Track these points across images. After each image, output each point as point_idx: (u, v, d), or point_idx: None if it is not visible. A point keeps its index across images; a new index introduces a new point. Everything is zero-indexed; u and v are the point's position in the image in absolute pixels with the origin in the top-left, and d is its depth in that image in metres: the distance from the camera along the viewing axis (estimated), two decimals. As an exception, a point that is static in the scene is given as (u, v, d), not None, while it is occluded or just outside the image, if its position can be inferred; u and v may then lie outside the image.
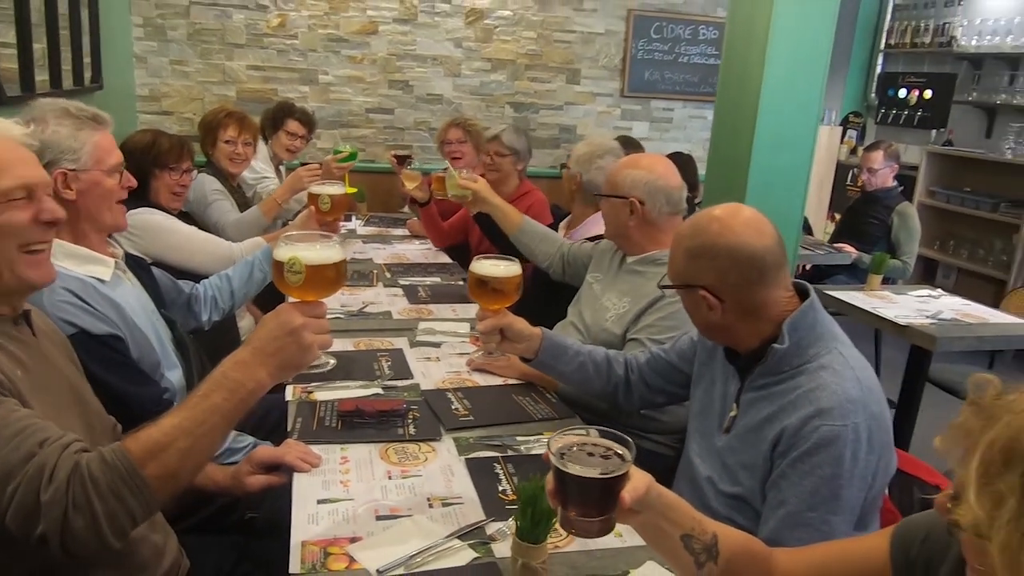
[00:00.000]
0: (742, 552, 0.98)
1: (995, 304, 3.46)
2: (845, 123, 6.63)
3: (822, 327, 1.35)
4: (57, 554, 0.97)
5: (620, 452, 0.91)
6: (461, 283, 2.88)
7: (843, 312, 3.12)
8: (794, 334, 1.33)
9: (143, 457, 1.01)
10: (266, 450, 1.51)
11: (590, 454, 0.90)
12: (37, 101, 1.58)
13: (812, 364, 1.32)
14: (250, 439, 1.68)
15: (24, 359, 1.12)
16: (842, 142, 6.39)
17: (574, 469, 0.88)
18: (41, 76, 2.98)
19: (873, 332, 4.13)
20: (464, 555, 1.21)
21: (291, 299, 1.20)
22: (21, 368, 1.10)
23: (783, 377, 1.34)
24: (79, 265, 1.53)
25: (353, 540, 1.23)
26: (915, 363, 2.95)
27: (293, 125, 3.71)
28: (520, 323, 1.69)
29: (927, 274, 5.82)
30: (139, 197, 2.31)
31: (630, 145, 3.30)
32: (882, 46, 6.49)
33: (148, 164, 2.36)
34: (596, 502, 0.89)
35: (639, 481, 0.90)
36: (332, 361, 1.79)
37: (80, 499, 0.97)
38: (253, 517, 1.65)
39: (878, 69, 6.57)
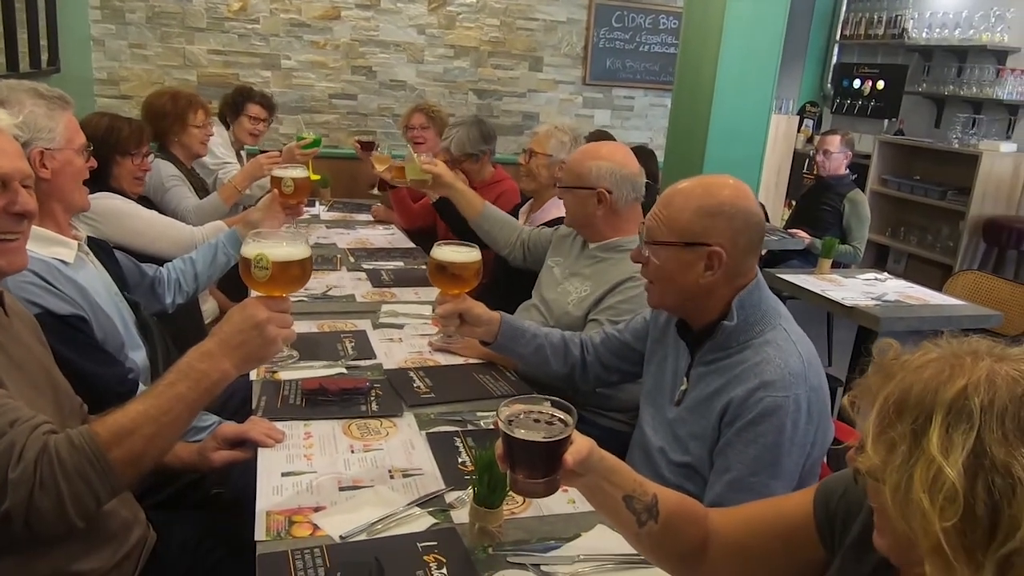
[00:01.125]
0: (681, 512, 1.05)
1: (942, 288, 3.62)
2: (802, 112, 6.79)
3: (766, 304, 1.44)
4: (20, 531, 1.01)
5: (563, 418, 0.98)
6: (424, 267, 2.92)
7: (796, 295, 3.24)
8: (742, 311, 1.41)
9: (109, 441, 1.05)
10: (231, 426, 1.55)
11: (536, 420, 0.97)
12: (2, 82, 1.60)
13: (758, 339, 1.40)
14: (214, 418, 1.71)
15: None
16: (799, 131, 6.55)
17: (520, 434, 0.94)
18: (-3, 58, 2.95)
19: (826, 315, 4.28)
20: (424, 521, 1.27)
21: (256, 293, 1.24)
22: None
23: (731, 352, 1.42)
24: (43, 247, 1.55)
25: (317, 509, 1.28)
26: (861, 342, 3.08)
27: (254, 109, 3.71)
28: (479, 308, 1.74)
29: (879, 259, 6.02)
30: (99, 182, 2.31)
31: (604, 139, 3.34)
32: (837, 37, 6.65)
33: (110, 150, 2.36)
34: (541, 464, 0.95)
35: (581, 445, 0.96)
36: (295, 354, 1.84)
37: (47, 479, 1.00)
38: (219, 493, 1.69)
39: (834, 60, 6.73)
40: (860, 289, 3.17)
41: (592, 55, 5.46)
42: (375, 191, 4.04)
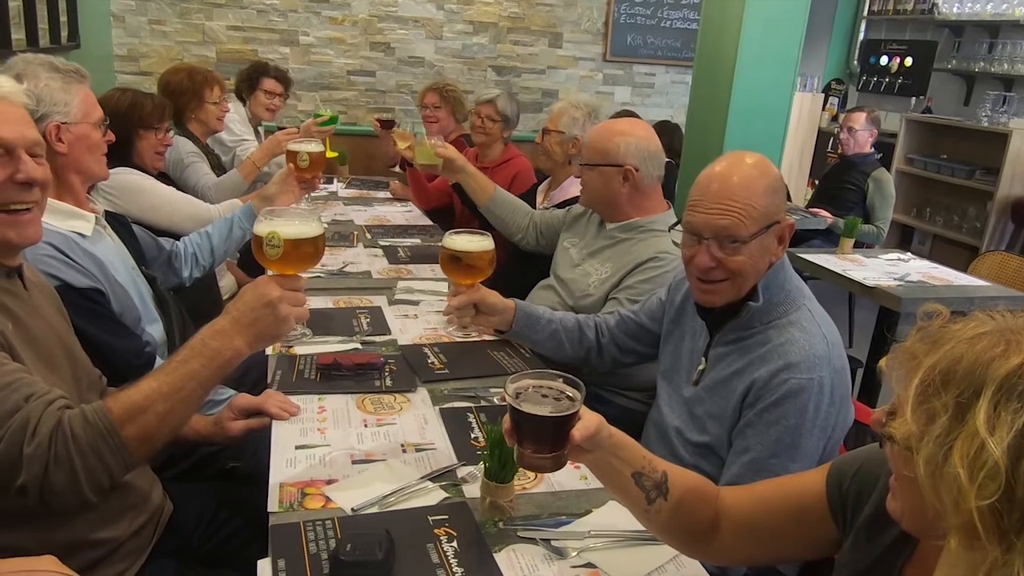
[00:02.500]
0: (692, 490, 1.04)
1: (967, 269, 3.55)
2: (827, 90, 6.66)
3: (791, 284, 1.41)
4: (35, 505, 1.03)
5: (571, 394, 0.97)
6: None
7: (816, 275, 3.20)
8: (767, 291, 1.38)
9: (123, 418, 1.06)
10: (247, 398, 1.56)
11: (544, 395, 0.96)
12: (18, 56, 1.61)
13: (782, 320, 1.38)
14: (230, 391, 1.71)
15: (16, 312, 1.16)
16: (823, 109, 6.43)
17: (527, 408, 0.94)
18: (17, 34, 2.96)
19: (847, 295, 4.23)
20: (435, 495, 1.27)
21: (269, 272, 1.25)
22: (12, 321, 1.14)
23: (754, 332, 1.40)
24: (61, 220, 1.56)
25: (329, 482, 1.29)
26: (883, 323, 3.04)
27: (270, 84, 3.69)
28: (493, 296, 1.73)
29: (903, 240, 5.92)
30: (121, 158, 2.33)
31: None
32: (865, 12, 6.50)
33: (132, 125, 2.36)
34: (548, 439, 0.95)
35: (589, 421, 0.95)
36: (308, 332, 1.84)
37: (61, 455, 1.02)
38: (235, 466, 1.71)
39: (861, 36, 6.58)
40: (882, 269, 3.12)
41: (613, 31, 5.39)
42: (396, 168, 4.02)
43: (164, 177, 2.67)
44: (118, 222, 1.86)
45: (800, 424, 1.30)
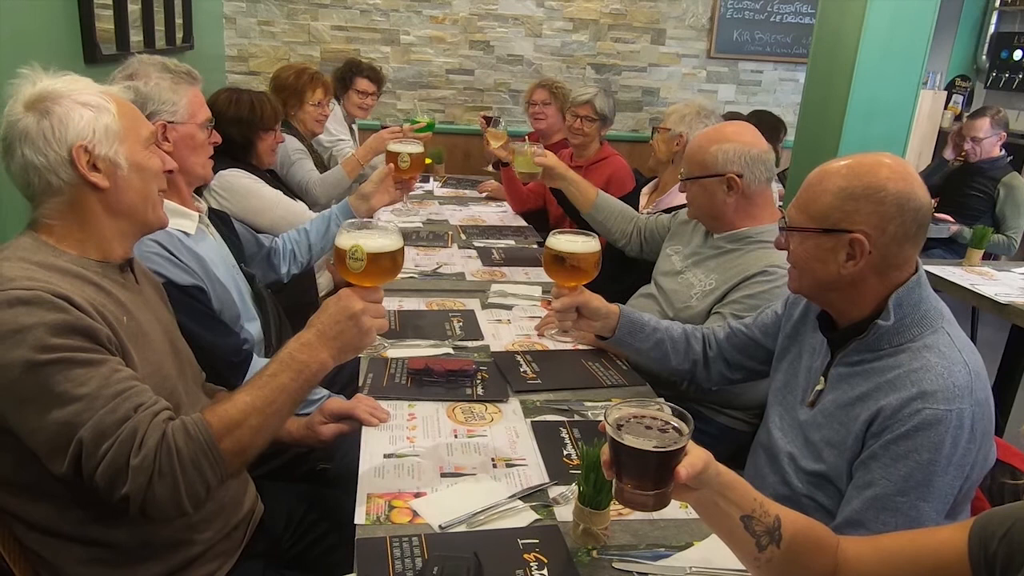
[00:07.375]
0: (807, 537, 0.94)
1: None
2: (951, 88, 6.22)
3: (927, 305, 1.27)
4: (134, 515, 1.04)
5: (677, 426, 0.89)
6: (535, 247, 2.86)
7: (939, 288, 2.96)
8: (899, 310, 1.25)
9: (221, 431, 1.08)
10: (337, 402, 1.55)
11: (648, 427, 0.89)
12: (134, 57, 1.67)
13: (916, 343, 1.25)
14: (324, 391, 1.71)
15: (129, 306, 1.18)
16: (946, 108, 6.00)
17: (629, 441, 0.86)
18: (136, 36, 3.08)
19: (971, 311, 3.91)
20: (526, 516, 1.21)
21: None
22: (127, 315, 1.16)
23: (881, 354, 1.27)
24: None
25: (417, 495, 1.25)
26: (1015, 344, 2.78)
27: (363, 83, 3.73)
28: (597, 300, 1.65)
29: (1033, 251, 5.45)
30: (240, 158, 2.41)
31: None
32: (997, 4, 6.02)
33: (255, 129, 2.44)
34: (650, 475, 0.87)
35: (696, 457, 0.87)
36: (388, 343, 1.83)
37: (165, 468, 1.03)
38: (325, 468, 1.70)
39: (991, 29, 6.11)
40: (1017, 284, 2.85)
41: (719, 26, 5.19)
42: (490, 168, 4.00)
43: (272, 175, 2.72)
44: (220, 219, 1.89)
45: (934, 460, 1.16)
